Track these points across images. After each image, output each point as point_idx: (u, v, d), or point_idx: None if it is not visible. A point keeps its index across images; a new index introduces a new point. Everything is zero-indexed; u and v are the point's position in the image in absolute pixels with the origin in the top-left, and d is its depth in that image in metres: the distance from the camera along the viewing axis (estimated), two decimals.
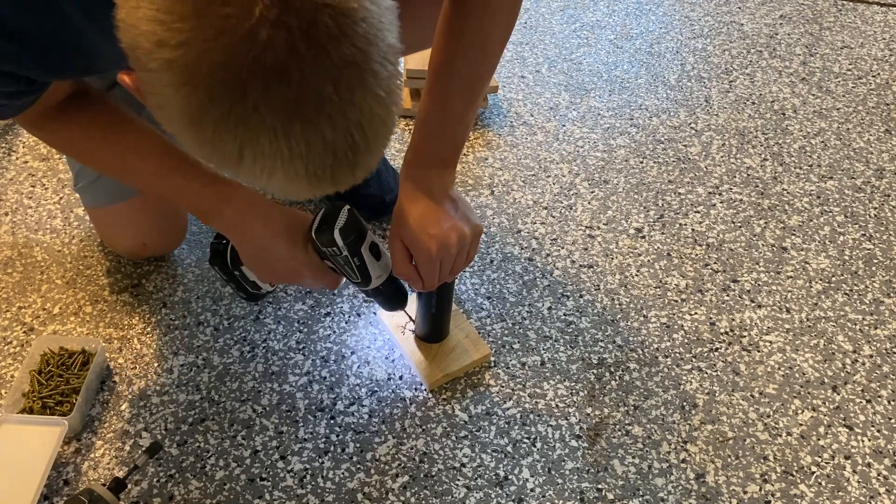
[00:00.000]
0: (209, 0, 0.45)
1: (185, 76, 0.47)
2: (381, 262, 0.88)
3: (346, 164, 0.53)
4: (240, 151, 0.50)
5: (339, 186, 0.55)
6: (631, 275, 1.19)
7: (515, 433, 0.97)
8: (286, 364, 1.04)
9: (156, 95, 0.50)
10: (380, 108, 0.52)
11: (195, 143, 0.51)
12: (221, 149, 0.50)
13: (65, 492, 0.89)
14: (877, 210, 1.34)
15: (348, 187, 0.57)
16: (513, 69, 1.63)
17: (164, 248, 1.15)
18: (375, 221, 1.25)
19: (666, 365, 1.07)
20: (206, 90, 0.47)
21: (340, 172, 0.53)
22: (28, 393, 0.96)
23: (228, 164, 0.52)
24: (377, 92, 0.51)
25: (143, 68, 0.49)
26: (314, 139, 0.50)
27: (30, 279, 1.14)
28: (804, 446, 0.98)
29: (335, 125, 0.50)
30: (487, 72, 0.87)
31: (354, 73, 0.49)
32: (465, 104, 0.87)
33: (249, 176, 0.52)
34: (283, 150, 0.50)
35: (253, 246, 0.86)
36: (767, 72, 1.66)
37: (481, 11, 0.81)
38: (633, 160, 1.41)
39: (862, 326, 1.14)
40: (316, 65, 0.47)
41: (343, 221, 0.81)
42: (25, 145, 1.38)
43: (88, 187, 1.07)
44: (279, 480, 0.91)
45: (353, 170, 0.54)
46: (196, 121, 0.49)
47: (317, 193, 0.56)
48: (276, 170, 0.51)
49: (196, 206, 0.87)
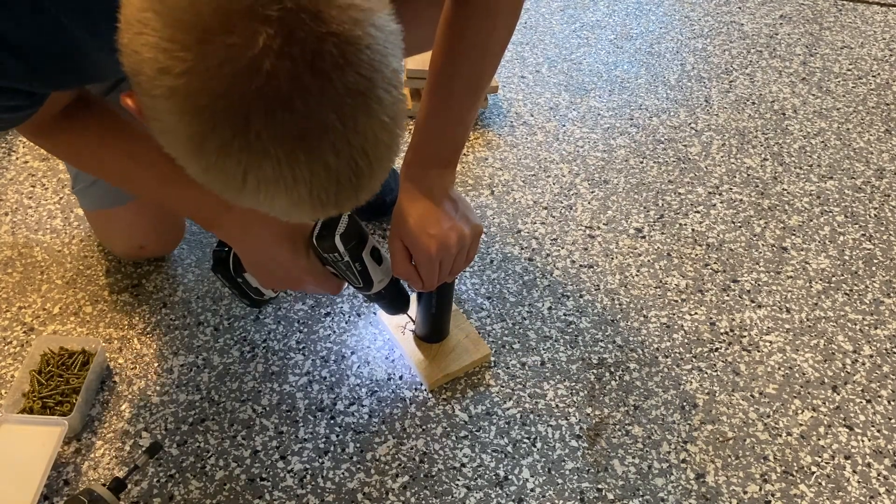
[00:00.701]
0: (213, 29, 0.45)
1: (187, 104, 0.47)
2: (382, 266, 0.88)
3: (350, 188, 0.52)
4: (243, 177, 0.50)
5: (342, 209, 0.55)
6: (631, 275, 1.19)
7: (515, 433, 0.97)
8: (286, 364, 1.04)
9: (159, 121, 0.50)
10: (384, 134, 0.51)
11: (197, 168, 0.51)
12: (224, 175, 0.50)
13: (65, 492, 0.89)
14: (877, 210, 1.34)
15: (352, 209, 0.57)
16: (513, 69, 1.63)
17: (163, 250, 1.15)
18: (375, 221, 1.25)
19: (666, 365, 1.07)
20: (209, 119, 0.47)
21: (344, 196, 0.53)
22: (28, 393, 0.96)
23: (231, 189, 0.51)
24: (382, 118, 0.50)
25: (145, 94, 0.49)
26: (318, 166, 0.49)
27: (30, 279, 1.14)
28: (804, 446, 0.98)
29: (339, 153, 0.49)
30: (488, 73, 0.87)
31: (359, 102, 0.49)
32: (466, 105, 0.87)
33: (252, 201, 0.52)
34: (287, 177, 0.49)
35: (254, 253, 0.86)
36: (767, 72, 1.66)
37: (483, 13, 0.81)
38: (633, 160, 1.41)
39: (862, 326, 1.13)
40: (321, 95, 0.47)
41: (344, 227, 0.81)
42: (25, 145, 1.38)
43: (86, 190, 1.07)
44: (279, 480, 0.91)
45: (356, 193, 0.53)
46: (198, 148, 0.49)
47: (320, 216, 0.56)
48: (280, 195, 0.51)
49: (197, 214, 0.87)
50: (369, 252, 0.85)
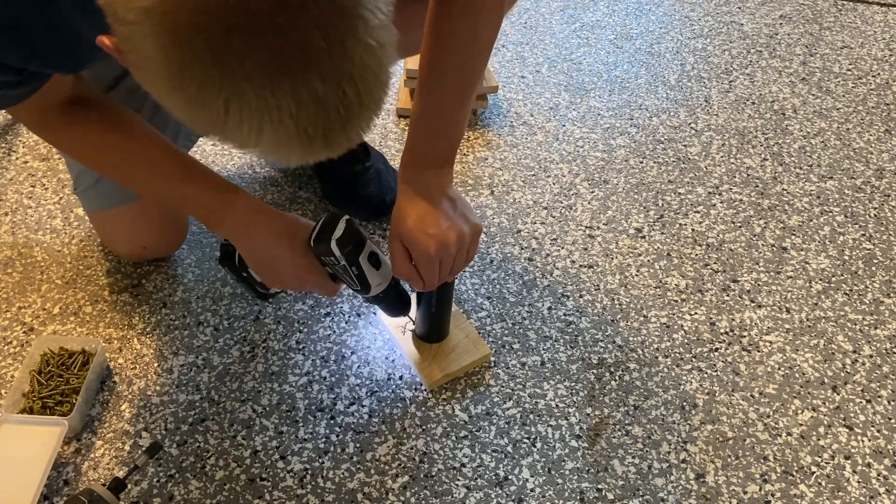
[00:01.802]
0: None
1: (163, 24, 0.45)
2: (380, 270, 0.88)
3: (338, 121, 0.50)
4: (225, 107, 0.47)
5: (331, 148, 0.52)
6: (631, 275, 1.19)
7: (515, 433, 0.97)
8: (286, 364, 1.04)
9: (136, 52, 0.48)
10: (371, 59, 0.49)
11: (179, 103, 0.49)
12: (206, 108, 0.48)
13: (65, 492, 0.89)
14: (877, 210, 1.34)
15: (342, 151, 0.54)
16: (513, 69, 1.63)
17: (165, 251, 1.15)
18: (375, 222, 1.25)
19: (666, 365, 1.07)
20: (186, 39, 0.45)
21: (332, 132, 0.50)
22: (28, 393, 0.96)
23: (215, 124, 0.49)
24: (368, 41, 0.48)
25: (121, 22, 0.47)
26: (303, 93, 0.47)
27: (30, 279, 1.14)
28: (804, 446, 0.98)
29: (325, 77, 0.47)
30: (477, 69, 0.87)
31: (344, 21, 0.47)
32: (457, 103, 0.87)
33: (237, 137, 0.50)
34: (271, 106, 0.47)
35: (256, 251, 0.87)
36: (767, 72, 1.66)
37: (466, 9, 0.81)
38: (633, 160, 1.41)
39: (862, 326, 1.13)
40: (303, 11, 0.45)
41: (340, 232, 0.81)
42: (25, 145, 1.38)
43: (88, 191, 1.07)
44: (279, 480, 0.91)
45: (345, 129, 0.51)
46: (178, 76, 0.47)
47: (310, 157, 0.53)
48: (265, 128, 0.48)
49: (199, 212, 0.87)
50: (366, 257, 0.85)
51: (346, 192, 1.24)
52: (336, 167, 1.24)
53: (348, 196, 1.24)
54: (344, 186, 1.24)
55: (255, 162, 1.35)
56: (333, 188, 1.26)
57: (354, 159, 1.23)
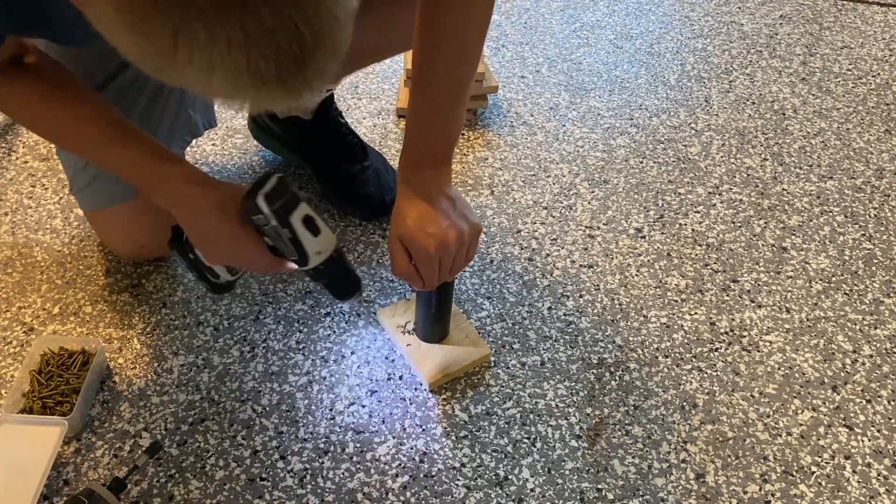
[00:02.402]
0: None
1: None
2: (319, 238, 0.80)
3: (292, 59, 0.47)
4: (174, 43, 0.45)
5: (288, 90, 0.50)
6: (631, 275, 1.19)
7: (515, 433, 0.97)
8: (286, 364, 1.04)
9: None
10: None
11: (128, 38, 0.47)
12: (156, 44, 0.46)
13: (65, 492, 0.89)
14: (877, 210, 1.34)
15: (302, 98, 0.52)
16: (513, 69, 1.63)
17: (163, 250, 1.15)
18: (375, 221, 1.25)
19: (666, 365, 1.07)
20: None
21: (286, 70, 0.48)
22: (28, 393, 0.96)
23: (164, 61, 0.47)
24: None
25: None
26: (252, 24, 0.45)
27: (30, 279, 1.14)
28: (804, 446, 0.98)
29: (274, 10, 0.45)
30: (469, 67, 0.86)
31: None
32: (451, 101, 0.86)
33: (189, 76, 0.48)
34: (220, 40, 0.45)
35: (191, 220, 0.84)
36: (767, 72, 1.66)
37: (454, 6, 0.81)
38: (633, 160, 1.41)
39: (862, 326, 1.13)
40: None
41: (270, 188, 0.75)
42: (25, 145, 1.38)
43: (84, 191, 1.07)
44: (279, 480, 0.91)
45: (300, 68, 0.48)
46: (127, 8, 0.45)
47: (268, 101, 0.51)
48: (216, 65, 0.46)
49: (135, 177, 0.85)
50: (301, 219, 0.78)
51: (346, 192, 1.24)
52: (335, 167, 1.24)
53: (347, 196, 1.24)
54: (343, 186, 1.24)
55: (254, 162, 1.35)
56: (332, 188, 1.26)
57: (353, 159, 1.23)
